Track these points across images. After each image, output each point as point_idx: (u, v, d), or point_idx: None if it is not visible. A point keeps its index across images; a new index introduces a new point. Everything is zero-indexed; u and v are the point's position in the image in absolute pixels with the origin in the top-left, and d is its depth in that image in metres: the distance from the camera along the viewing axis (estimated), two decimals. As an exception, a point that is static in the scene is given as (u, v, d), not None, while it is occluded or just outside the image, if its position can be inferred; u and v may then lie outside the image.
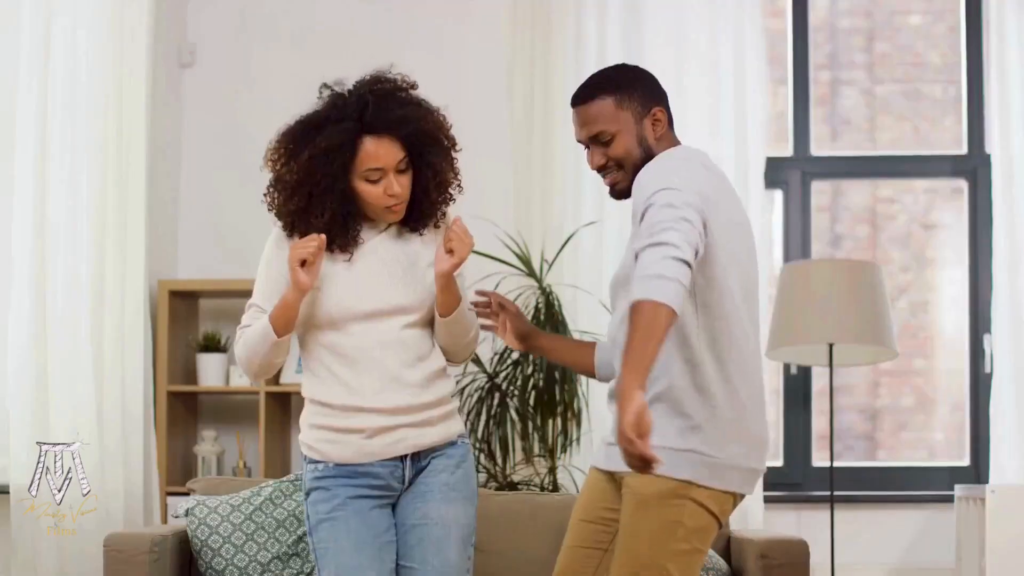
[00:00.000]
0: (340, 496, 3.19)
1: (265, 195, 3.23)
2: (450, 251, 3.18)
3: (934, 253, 5.89)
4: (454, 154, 3.24)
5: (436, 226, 3.28)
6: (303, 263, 3.11)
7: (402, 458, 3.21)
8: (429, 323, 3.26)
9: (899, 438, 5.89)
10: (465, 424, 5.07)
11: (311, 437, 3.23)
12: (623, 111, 3.13)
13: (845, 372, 5.71)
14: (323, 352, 3.22)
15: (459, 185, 3.27)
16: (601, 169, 3.17)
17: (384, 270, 3.22)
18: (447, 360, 3.30)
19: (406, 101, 3.17)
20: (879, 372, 5.86)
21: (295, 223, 3.19)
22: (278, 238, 3.26)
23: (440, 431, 3.24)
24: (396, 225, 3.27)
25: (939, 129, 5.86)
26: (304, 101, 3.27)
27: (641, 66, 3.25)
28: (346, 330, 3.19)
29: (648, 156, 3.13)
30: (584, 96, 3.17)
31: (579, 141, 3.20)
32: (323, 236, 3.14)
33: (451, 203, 3.28)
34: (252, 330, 3.22)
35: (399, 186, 3.16)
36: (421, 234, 3.27)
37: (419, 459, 3.22)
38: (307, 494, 3.24)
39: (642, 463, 2.67)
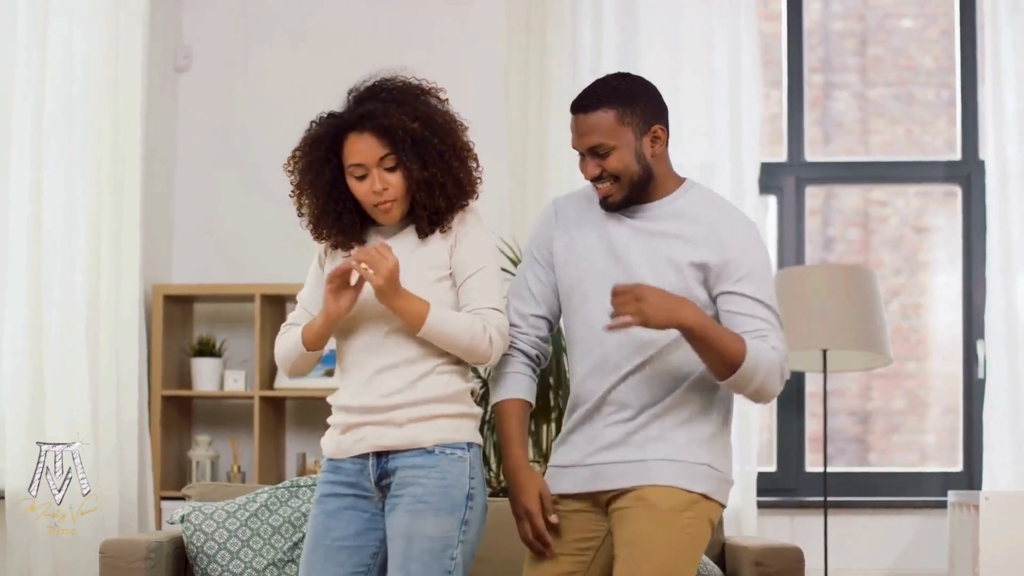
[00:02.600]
0: (320, 491, 3.20)
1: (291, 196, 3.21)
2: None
3: (926, 256, 5.90)
4: (456, 156, 3.14)
5: (442, 231, 3.16)
6: (334, 287, 3.07)
7: (367, 457, 3.16)
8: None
9: (891, 441, 5.90)
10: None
11: (326, 433, 3.26)
12: (623, 126, 3.07)
13: (837, 375, 5.72)
14: (337, 353, 3.23)
15: (470, 191, 3.17)
16: (596, 179, 3.12)
17: None
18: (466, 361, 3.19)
19: (388, 98, 3.09)
20: (871, 375, 5.87)
21: (308, 224, 3.19)
22: None
23: (406, 434, 3.12)
24: (406, 229, 3.18)
25: (932, 133, 5.87)
26: (301, 105, 3.27)
27: (645, 77, 3.19)
28: (342, 333, 3.19)
29: (647, 172, 3.10)
30: (586, 105, 3.09)
31: (575, 149, 3.14)
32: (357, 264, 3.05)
33: (459, 209, 3.16)
34: (290, 336, 3.21)
35: (381, 183, 3.09)
36: (427, 237, 3.15)
37: (385, 460, 3.14)
38: None
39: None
